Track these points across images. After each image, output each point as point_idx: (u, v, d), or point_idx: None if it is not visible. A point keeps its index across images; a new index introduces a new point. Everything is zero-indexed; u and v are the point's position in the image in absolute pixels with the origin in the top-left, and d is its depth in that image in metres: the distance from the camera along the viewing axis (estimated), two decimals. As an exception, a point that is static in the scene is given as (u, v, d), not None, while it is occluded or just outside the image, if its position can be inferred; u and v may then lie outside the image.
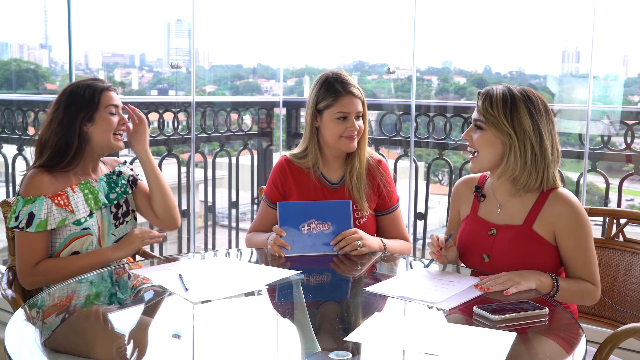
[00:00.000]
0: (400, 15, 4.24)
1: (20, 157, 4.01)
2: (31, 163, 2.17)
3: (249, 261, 2.17)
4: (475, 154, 1.90)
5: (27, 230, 2.03)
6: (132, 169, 2.33)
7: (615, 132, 3.50)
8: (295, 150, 2.33)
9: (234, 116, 4.55)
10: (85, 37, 4.91)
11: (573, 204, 1.86)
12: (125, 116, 2.20)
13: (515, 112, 1.82)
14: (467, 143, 1.93)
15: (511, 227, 1.91)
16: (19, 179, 2.15)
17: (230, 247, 4.48)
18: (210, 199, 4.38)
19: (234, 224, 4.46)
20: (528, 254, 1.88)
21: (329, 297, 1.83)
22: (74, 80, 3.67)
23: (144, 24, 6.07)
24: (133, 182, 2.29)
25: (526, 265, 1.87)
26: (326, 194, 2.29)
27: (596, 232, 3.47)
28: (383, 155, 2.46)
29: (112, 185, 2.22)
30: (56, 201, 2.06)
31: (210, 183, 4.37)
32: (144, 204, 2.29)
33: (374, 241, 2.19)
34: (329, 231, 2.12)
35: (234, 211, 4.43)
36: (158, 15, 6.26)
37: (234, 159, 4.39)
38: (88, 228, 2.10)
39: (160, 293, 1.82)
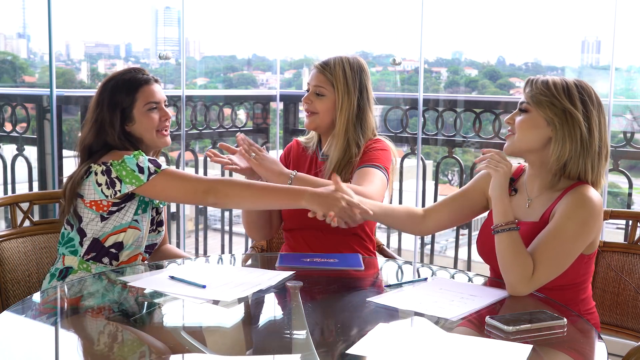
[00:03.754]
0: (407, 2, 4.24)
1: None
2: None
3: (244, 266, 2.18)
4: (513, 134, 1.96)
5: (162, 169, 2.04)
6: None
7: (638, 128, 3.50)
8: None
9: (227, 111, 4.55)
10: (66, 26, 4.91)
11: (585, 200, 1.85)
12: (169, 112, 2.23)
13: (571, 95, 1.89)
14: (508, 127, 1.99)
15: (530, 224, 1.93)
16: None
17: (222, 252, 4.48)
18: (201, 200, 4.37)
19: (227, 228, 4.46)
20: None
21: (330, 307, 1.83)
22: (54, 72, 3.68)
23: (129, 11, 6.07)
24: None
25: None
26: (316, 165, 2.39)
27: (618, 236, 3.49)
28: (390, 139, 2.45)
29: None
30: None
31: (201, 183, 4.36)
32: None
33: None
34: (335, 262, 2.12)
35: (227, 214, 4.43)
36: (145, 2, 6.26)
37: (227, 157, 4.39)
38: (137, 221, 2.13)
39: (146, 303, 1.82)
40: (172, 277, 1.90)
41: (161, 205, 2.25)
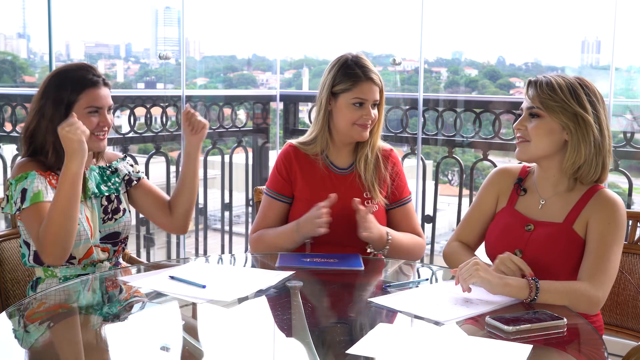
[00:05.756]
0: (407, 2, 4.24)
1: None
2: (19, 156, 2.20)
3: (244, 266, 2.18)
4: (527, 141, 1.92)
5: (23, 207, 2.02)
6: (132, 165, 2.33)
7: (638, 128, 3.50)
8: (303, 138, 2.34)
9: (227, 111, 4.55)
10: (66, 26, 4.91)
11: (616, 202, 1.89)
12: (108, 117, 2.17)
13: (579, 97, 1.88)
14: (517, 134, 1.94)
15: (550, 225, 1.93)
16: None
17: (222, 252, 4.48)
18: (201, 200, 4.38)
19: (227, 228, 4.46)
20: (564, 254, 1.89)
21: (330, 307, 1.83)
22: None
23: (129, 11, 6.07)
24: (128, 181, 2.29)
25: (560, 265, 1.89)
26: (334, 181, 2.29)
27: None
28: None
29: (105, 178, 2.24)
30: (48, 178, 2.08)
31: (201, 183, 4.37)
32: (149, 202, 2.29)
33: (376, 230, 2.17)
34: (335, 262, 2.11)
35: (227, 214, 4.43)
36: (145, 2, 6.27)
37: (227, 158, 4.39)
38: None
39: (147, 303, 1.82)
40: (172, 277, 1.90)
41: (114, 193, 2.22)
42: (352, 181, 2.29)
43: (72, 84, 2.11)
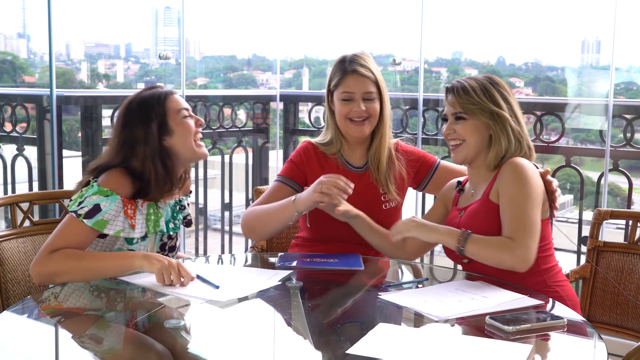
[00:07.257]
0: (407, 2, 4.24)
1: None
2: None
3: (244, 266, 2.18)
4: (460, 143, 2.05)
5: (82, 219, 1.95)
6: (187, 205, 2.27)
7: (638, 128, 3.49)
8: (319, 139, 2.33)
9: (227, 111, 4.55)
10: (66, 26, 4.91)
11: (518, 163, 1.97)
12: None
13: (492, 96, 2.03)
14: (449, 138, 2.08)
15: (474, 203, 2.04)
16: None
17: (222, 252, 4.48)
18: (201, 200, 4.38)
19: (227, 228, 4.46)
20: (486, 224, 1.96)
21: (330, 307, 1.83)
22: (54, 72, 3.68)
23: (129, 11, 6.07)
24: (187, 223, 2.26)
25: (487, 234, 1.95)
26: (351, 179, 2.20)
27: (618, 237, 3.48)
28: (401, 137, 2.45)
29: (174, 214, 2.18)
30: (126, 208, 2.00)
31: (201, 183, 4.37)
32: None
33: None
34: (335, 262, 2.11)
35: (227, 214, 4.43)
36: (145, 2, 6.27)
37: (227, 157, 4.40)
38: (133, 250, 2.05)
39: (151, 304, 1.82)
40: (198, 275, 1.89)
41: (172, 232, 2.17)
42: (367, 180, 2.28)
43: (151, 100, 2.04)
